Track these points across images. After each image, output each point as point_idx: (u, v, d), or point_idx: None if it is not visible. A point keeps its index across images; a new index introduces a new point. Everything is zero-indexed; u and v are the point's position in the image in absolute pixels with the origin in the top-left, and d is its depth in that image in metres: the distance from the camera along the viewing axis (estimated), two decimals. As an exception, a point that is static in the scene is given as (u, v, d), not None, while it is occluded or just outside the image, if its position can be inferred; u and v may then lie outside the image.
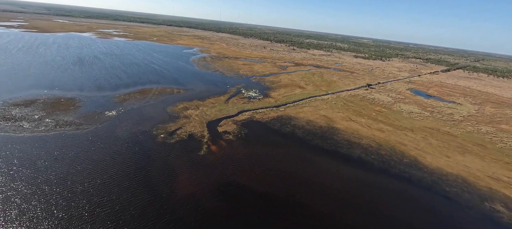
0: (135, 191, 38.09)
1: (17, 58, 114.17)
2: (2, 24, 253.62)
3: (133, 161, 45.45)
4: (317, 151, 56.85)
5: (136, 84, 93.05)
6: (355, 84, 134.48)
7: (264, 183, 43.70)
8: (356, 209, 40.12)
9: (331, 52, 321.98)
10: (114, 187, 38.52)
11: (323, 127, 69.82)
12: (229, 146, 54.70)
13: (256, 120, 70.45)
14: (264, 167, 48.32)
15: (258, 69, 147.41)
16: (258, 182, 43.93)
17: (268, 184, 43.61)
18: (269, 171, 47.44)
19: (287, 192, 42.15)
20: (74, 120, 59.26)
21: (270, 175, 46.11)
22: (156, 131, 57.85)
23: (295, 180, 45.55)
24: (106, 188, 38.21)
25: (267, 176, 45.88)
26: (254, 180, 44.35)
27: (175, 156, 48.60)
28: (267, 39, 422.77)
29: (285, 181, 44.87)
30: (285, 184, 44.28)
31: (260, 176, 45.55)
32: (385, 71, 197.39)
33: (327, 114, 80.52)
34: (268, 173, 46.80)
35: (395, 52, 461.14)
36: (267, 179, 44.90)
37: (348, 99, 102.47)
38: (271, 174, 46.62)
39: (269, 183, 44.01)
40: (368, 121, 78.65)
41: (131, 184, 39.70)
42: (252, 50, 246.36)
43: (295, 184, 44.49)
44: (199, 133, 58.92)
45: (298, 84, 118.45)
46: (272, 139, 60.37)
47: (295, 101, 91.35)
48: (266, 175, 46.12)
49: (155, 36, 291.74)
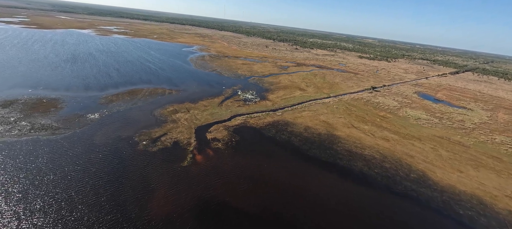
0: (100, 210, 33.34)
1: (8, 55, 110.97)
2: (3, 20, 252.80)
3: (106, 173, 40.77)
4: (314, 162, 51.45)
5: (127, 84, 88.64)
6: (359, 86, 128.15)
7: (251, 200, 38.62)
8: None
9: (335, 52, 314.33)
10: (77, 204, 33.85)
11: (322, 135, 64.30)
12: (216, 155, 49.68)
13: (249, 125, 65.27)
14: (253, 181, 43.19)
15: (258, 69, 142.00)
16: (245, 199, 38.87)
17: (256, 202, 38.52)
18: (258, 186, 42.30)
19: (276, 211, 37.03)
20: (51, 124, 54.94)
21: (258, 191, 40.97)
22: (138, 137, 53.15)
23: (287, 197, 40.32)
24: (68, 205, 33.55)
25: (255, 191, 40.76)
26: (240, 196, 39.29)
27: (154, 167, 43.79)
28: (270, 38, 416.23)
29: (275, 198, 39.69)
30: (275, 201, 39.12)
31: (248, 192, 40.45)
32: (391, 73, 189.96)
33: (328, 120, 74.89)
34: (257, 188, 41.67)
35: (401, 52, 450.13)
36: (255, 196, 39.79)
37: (351, 103, 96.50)
38: (260, 189, 41.48)
39: (257, 200, 38.90)
40: (372, 128, 72.80)
41: (98, 200, 34.98)
42: (253, 49, 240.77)
43: (286, 201, 39.28)
44: (185, 140, 54.03)
45: (298, 86, 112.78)
46: (265, 148, 55.15)
47: (294, 105, 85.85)
48: (254, 190, 41.00)
49: (156, 33, 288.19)
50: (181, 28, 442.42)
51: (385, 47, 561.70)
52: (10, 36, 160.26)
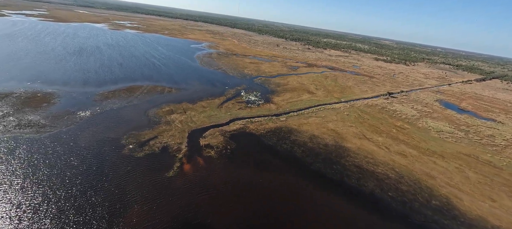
0: (61, 227, 29.12)
1: (18, 47, 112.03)
2: (24, 12, 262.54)
3: (82, 181, 36.72)
4: (317, 179, 45.02)
5: (126, 80, 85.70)
6: (374, 91, 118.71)
7: (238, 224, 33.09)
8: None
9: (349, 53, 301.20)
10: (39, 218, 29.81)
11: (330, 146, 57.45)
12: (207, 165, 44.54)
13: (249, 131, 59.63)
14: (244, 199, 37.59)
15: (266, 68, 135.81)
16: (230, 221, 33.40)
17: (243, 225, 32.95)
18: (248, 204, 36.67)
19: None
20: (39, 120, 52.15)
21: (248, 212, 35.35)
22: (126, 140, 49.08)
23: (280, 221, 34.40)
24: (26, 220, 29.56)
25: (244, 212, 35.17)
26: (226, 217, 33.87)
27: (135, 176, 39.31)
28: (282, 36, 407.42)
29: (265, 223, 33.90)
30: (266, 226, 33.34)
31: (235, 212, 34.95)
32: (410, 77, 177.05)
33: (337, 129, 67.73)
34: (247, 208, 36.05)
35: (421, 56, 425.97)
36: (243, 218, 34.20)
37: (364, 109, 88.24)
38: (250, 210, 35.83)
39: (245, 223, 33.31)
40: (387, 141, 64.86)
41: (63, 214, 30.80)
42: (263, 47, 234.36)
43: (278, 226, 33.43)
44: (176, 145, 49.33)
45: (307, 89, 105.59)
46: (263, 158, 49.32)
47: (300, 109, 79.19)
48: (243, 211, 35.42)
49: (167, 29, 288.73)
50: (194, 24, 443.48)
51: (403, 50, 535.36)
52: (26, 28, 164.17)
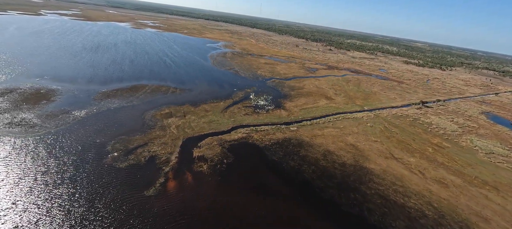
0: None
1: (41, 43, 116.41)
2: (59, 12, 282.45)
3: (49, 190, 31.85)
4: (329, 211, 35.81)
5: (132, 79, 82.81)
6: (404, 99, 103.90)
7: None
8: None
9: (375, 55, 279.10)
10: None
11: (348, 166, 47.49)
12: (195, 184, 37.64)
13: (252, 142, 51.84)
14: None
15: (281, 70, 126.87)
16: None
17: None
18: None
19: None
20: (32, 119, 49.58)
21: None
22: (112, 145, 44.18)
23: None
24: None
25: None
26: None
27: (109, 191, 33.66)
28: (303, 37, 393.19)
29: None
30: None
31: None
32: (447, 84, 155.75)
33: (357, 144, 57.13)
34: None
35: (458, 60, 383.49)
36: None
37: (392, 121, 75.64)
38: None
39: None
40: (421, 163, 52.83)
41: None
42: (281, 48, 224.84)
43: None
44: (165, 156, 43.26)
45: (325, 94, 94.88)
46: (264, 179, 41.20)
47: (315, 118, 69.49)
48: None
49: (187, 28, 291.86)
50: (214, 24, 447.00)
51: (437, 53, 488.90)
52: (55, 26, 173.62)
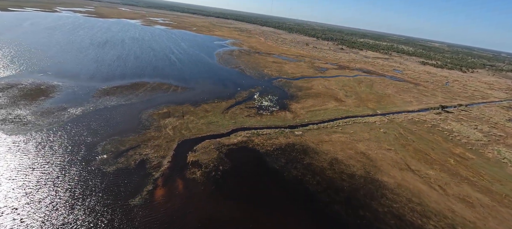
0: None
1: (51, 38, 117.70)
2: (74, 9, 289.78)
3: (28, 194, 29.50)
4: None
5: (135, 76, 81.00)
6: (421, 102, 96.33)
7: None
8: None
9: (389, 55, 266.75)
10: None
11: (357, 178, 42.60)
12: (185, 193, 34.27)
13: (252, 147, 47.94)
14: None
15: (289, 69, 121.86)
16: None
17: None
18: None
19: None
20: (26, 116, 48.15)
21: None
22: (103, 146, 41.69)
23: None
24: None
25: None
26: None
27: (91, 197, 30.90)
28: (313, 35, 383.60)
29: None
30: None
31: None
32: (468, 87, 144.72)
33: (369, 152, 51.87)
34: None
35: (480, 61, 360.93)
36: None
37: (408, 127, 69.30)
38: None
39: None
40: (442, 177, 46.95)
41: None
42: (290, 46, 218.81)
43: None
44: (157, 159, 40.23)
45: (334, 95, 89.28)
46: (262, 190, 37.24)
47: (322, 121, 64.55)
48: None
49: (196, 26, 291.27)
50: (224, 22, 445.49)
51: (457, 53, 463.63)
52: (67, 23, 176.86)
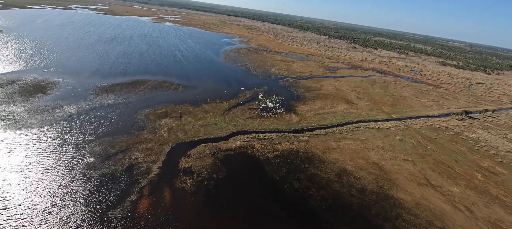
0: None
1: (61, 35, 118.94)
2: (88, 6, 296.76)
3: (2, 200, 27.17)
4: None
5: (137, 73, 79.08)
6: (441, 107, 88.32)
7: None
8: None
9: (406, 54, 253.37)
10: None
11: (368, 194, 37.53)
12: (172, 206, 30.82)
13: (251, 153, 43.89)
14: None
15: (297, 68, 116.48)
16: None
17: None
18: None
19: None
20: (20, 113, 46.76)
21: None
22: (92, 148, 39.18)
23: None
24: None
25: None
26: None
27: (68, 206, 28.10)
28: (325, 34, 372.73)
29: None
30: None
31: None
32: (494, 91, 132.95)
33: (382, 163, 46.39)
34: None
35: (507, 62, 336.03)
36: None
37: (427, 134, 62.64)
38: None
39: None
40: (468, 195, 40.83)
41: None
42: (301, 44, 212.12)
43: None
44: (147, 165, 37.12)
45: (345, 97, 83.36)
46: (258, 204, 33.14)
47: (331, 126, 59.38)
48: None
49: (206, 23, 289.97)
50: (234, 19, 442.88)
51: (480, 54, 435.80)
52: (79, 19, 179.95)
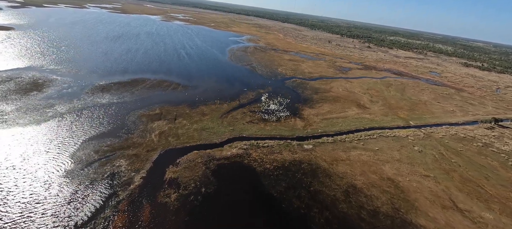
0: None
1: (70, 32, 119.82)
2: (102, 5, 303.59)
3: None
4: None
5: (137, 71, 76.67)
6: (466, 113, 79.49)
7: None
8: None
9: (425, 54, 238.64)
10: None
11: (382, 217, 31.86)
12: (149, 226, 26.86)
13: (248, 163, 39.31)
14: None
15: (306, 68, 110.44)
16: None
17: None
18: None
19: None
20: (9, 112, 44.99)
21: None
22: (74, 153, 36.23)
23: None
24: None
25: None
26: None
27: (34, 226, 24.85)
28: (338, 32, 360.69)
29: None
30: None
31: None
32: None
33: (399, 179, 40.26)
34: None
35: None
36: None
37: (451, 145, 55.26)
38: None
39: None
40: (504, 223, 34.07)
41: None
42: (311, 43, 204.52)
43: None
44: (129, 174, 33.53)
45: (357, 100, 76.77)
46: (251, 226, 28.53)
47: (340, 133, 53.57)
48: None
49: (215, 22, 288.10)
50: (244, 18, 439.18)
51: (506, 55, 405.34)
52: (91, 18, 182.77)
